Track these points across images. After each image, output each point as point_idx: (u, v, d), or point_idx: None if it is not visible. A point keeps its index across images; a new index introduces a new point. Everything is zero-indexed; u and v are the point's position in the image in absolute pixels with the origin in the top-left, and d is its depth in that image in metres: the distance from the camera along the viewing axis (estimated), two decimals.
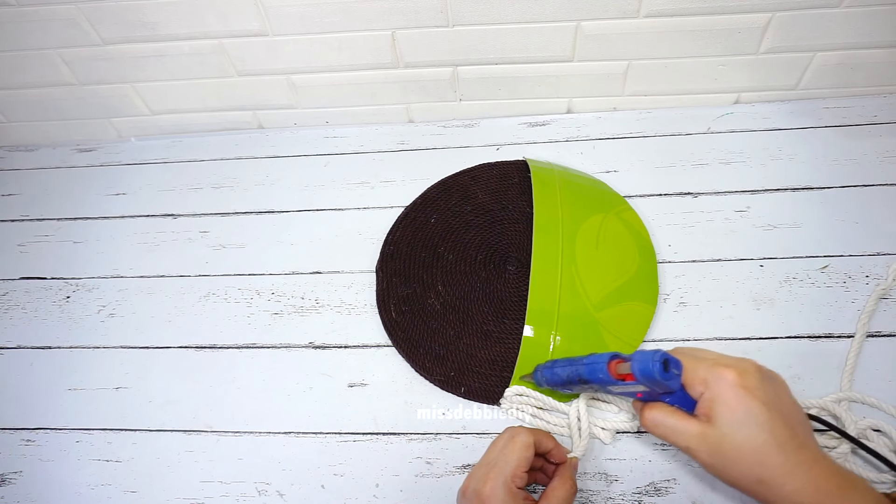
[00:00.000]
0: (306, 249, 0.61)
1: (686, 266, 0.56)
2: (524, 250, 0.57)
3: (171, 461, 0.49)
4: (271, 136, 0.73)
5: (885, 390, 0.46)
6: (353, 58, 0.65)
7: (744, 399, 0.34)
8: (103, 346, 0.57)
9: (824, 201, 0.58)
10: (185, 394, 0.53)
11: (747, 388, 0.35)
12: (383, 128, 0.72)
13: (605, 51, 0.63)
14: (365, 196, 0.65)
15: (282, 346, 0.55)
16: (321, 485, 0.47)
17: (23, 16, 0.62)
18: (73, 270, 0.63)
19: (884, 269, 0.53)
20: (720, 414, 0.35)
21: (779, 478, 0.34)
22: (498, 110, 0.70)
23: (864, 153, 0.61)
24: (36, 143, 0.77)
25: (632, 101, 0.68)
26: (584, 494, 0.44)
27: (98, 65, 0.67)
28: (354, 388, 0.52)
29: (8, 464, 0.51)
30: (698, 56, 0.63)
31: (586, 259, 0.54)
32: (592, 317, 0.51)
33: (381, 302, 0.56)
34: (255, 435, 0.50)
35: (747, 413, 0.34)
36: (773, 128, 0.65)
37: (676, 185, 0.62)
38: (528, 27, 0.61)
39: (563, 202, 0.57)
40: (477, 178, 0.64)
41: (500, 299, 0.54)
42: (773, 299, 0.52)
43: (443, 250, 0.58)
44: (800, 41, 0.61)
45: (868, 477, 0.42)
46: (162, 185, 0.70)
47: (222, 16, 0.61)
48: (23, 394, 0.55)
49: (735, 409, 0.34)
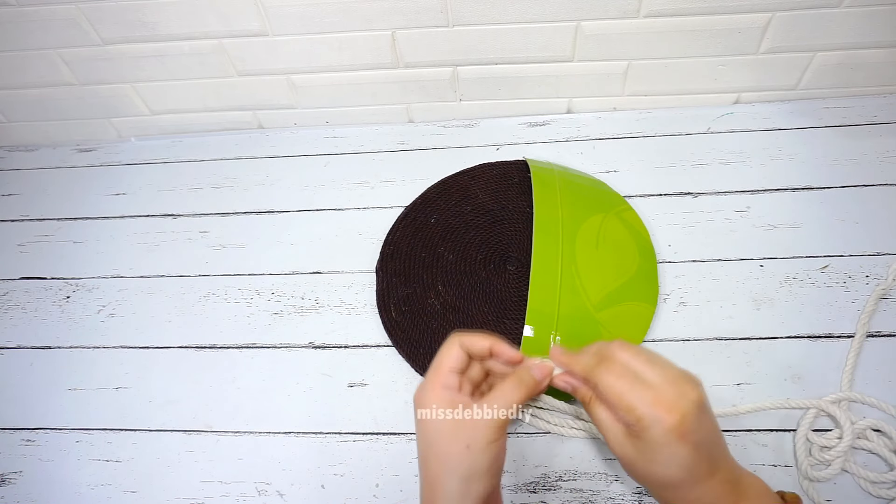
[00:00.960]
0: (306, 249, 0.61)
1: (686, 266, 0.56)
2: (524, 250, 0.57)
3: (171, 461, 0.49)
4: (271, 136, 0.73)
5: (886, 390, 0.46)
6: (353, 58, 0.65)
7: (674, 445, 0.33)
8: (103, 346, 0.57)
9: (824, 201, 0.58)
10: (185, 394, 0.53)
11: (682, 434, 0.33)
12: (383, 128, 0.72)
13: (605, 51, 0.63)
14: (365, 196, 0.65)
15: (282, 346, 0.55)
16: (321, 485, 0.47)
17: (23, 16, 0.62)
18: (73, 270, 0.63)
19: (884, 269, 0.53)
20: (644, 448, 0.34)
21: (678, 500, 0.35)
22: (498, 110, 0.70)
23: (864, 153, 0.61)
24: (36, 143, 0.77)
25: (632, 101, 0.68)
26: (584, 494, 0.44)
27: (98, 65, 0.67)
28: (354, 388, 0.52)
29: (8, 464, 0.51)
30: (698, 56, 0.63)
31: (586, 259, 0.54)
32: (592, 317, 0.51)
33: (381, 302, 0.56)
34: (255, 435, 0.50)
35: (673, 456, 0.33)
36: (773, 128, 0.65)
37: (676, 185, 0.62)
38: (528, 27, 0.61)
39: (563, 202, 0.57)
40: (477, 178, 0.64)
41: (500, 299, 0.54)
42: (773, 299, 0.52)
43: (443, 250, 0.58)
44: (800, 41, 0.61)
45: (868, 476, 0.42)
46: (162, 185, 0.70)
47: (222, 16, 0.61)
48: (23, 394, 0.55)
49: (662, 452, 0.33)
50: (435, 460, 0.35)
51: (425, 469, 0.36)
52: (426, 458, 0.36)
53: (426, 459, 0.36)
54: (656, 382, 0.34)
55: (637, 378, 0.35)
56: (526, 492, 0.45)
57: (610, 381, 0.35)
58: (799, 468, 0.44)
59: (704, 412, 0.34)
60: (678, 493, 0.35)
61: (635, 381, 0.35)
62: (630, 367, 0.36)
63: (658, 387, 0.34)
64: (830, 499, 0.42)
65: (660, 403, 0.33)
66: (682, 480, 0.34)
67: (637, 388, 0.34)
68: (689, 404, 0.33)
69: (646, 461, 0.34)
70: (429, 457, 0.36)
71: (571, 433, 0.46)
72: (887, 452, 0.43)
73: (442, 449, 0.35)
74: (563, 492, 0.45)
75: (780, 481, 0.43)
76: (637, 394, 0.34)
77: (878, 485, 0.42)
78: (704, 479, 0.34)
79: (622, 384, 0.35)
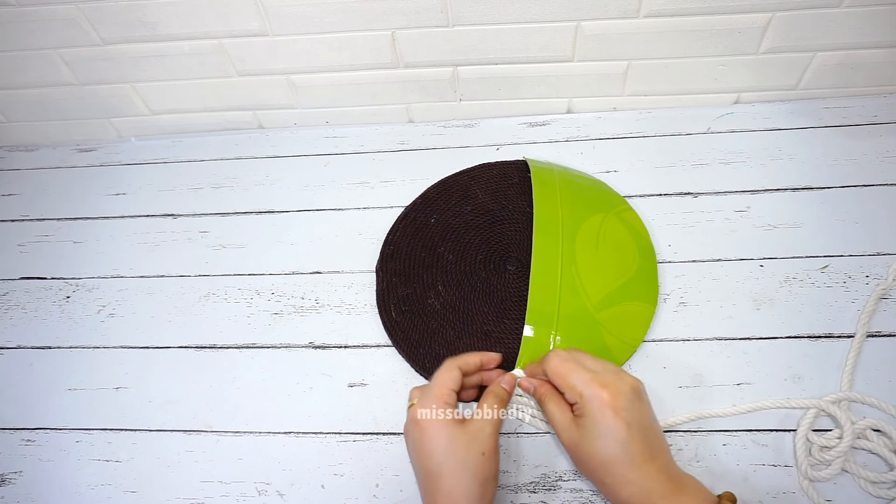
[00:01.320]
0: (306, 249, 0.61)
1: (686, 266, 0.56)
2: (524, 250, 0.57)
3: (171, 461, 0.49)
4: (271, 136, 0.73)
5: (886, 390, 0.46)
6: (353, 58, 0.65)
7: (609, 418, 0.38)
8: (103, 346, 0.57)
9: (824, 201, 0.58)
10: (185, 394, 0.53)
11: (616, 409, 0.38)
12: (383, 128, 0.72)
13: (605, 51, 0.63)
14: (365, 196, 0.65)
15: (282, 346, 0.55)
16: (321, 485, 0.47)
17: (23, 16, 0.62)
18: (73, 270, 0.63)
19: (884, 269, 0.53)
20: (586, 424, 0.39)
21: (619, 484, 0.38)
22: (498, 110, 0.70)
23: (864, 153, 0.61)
24: (36, 143, 0.77)
25: (632, 101, 0.68)
26: (584, 494, 0.44)
27: (98, 65, 0.67)
28: (354, 388, 0.52)
29: (8, 464, 0.51)
30: (698, 56, 0.63)
31: (586, 259, 0.54)
32: (592, 317, 0.51)
33: (381, 302, 0.56)
34: (255, 435, 0.50)
35: (609, 430, 0.38)
36: (773, 128, 0.65)
37: (676, 185, 0.62)
38: (528, 27, 0.61)
39: (563, 202, 0.57)
40: (477, 178, 0.64)
41: (500, 299, 0.54)
42: (773, 299, 0.52)
43: (443, 250, 0.58)
44: (800, 41, 0.61)
45: (868, 476, 0.42)
46: (162, 185, 0.70)
47: (222, 16, 0.61)
48: (23, 394, 0.55)
49: (599, 424, 0.39)
50: (453, 469, 0.39)
51: (436, 479, 0.39)
52: (441, 466, 0.39)
53: (439, 468, 0.39)
54: (597, 369, 0.41)
55: (579, 363, 0.42)
56: (526, 492, 0.45)
57: (555, 364, 0.42)
58: (799, 468, 0.44)
59: (640, 399, 0.40)
60: (617, 474, 0.38)
61: (577, 365, 0.41)
62: (574, 356, 0.43)
63: (598, 371, 0.41)
64: (830, 499, 0.42)
65: (597, 382, 0.39)
66: (618, 458, 0.38)
67: (579, 371, 0.41)
68: (624, 385, 0.40)
69: (588, 440, 0.39)
70: (443, 466, 0.39)
71: None
72: (887, 452, 0.43)
73: (460, 457, 0.39)
74: (563, 492, 0.45)
75: (781, 481, 0.43)
76: (578, 375, 0.40)
77: (878, 485, 0.42)
78: (640, 463, 0.38)
79: (566, 367, 0.42)
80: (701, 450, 0.46)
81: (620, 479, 0.38)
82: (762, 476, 0.44)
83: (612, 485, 0.38)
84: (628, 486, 0.38)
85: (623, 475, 0.38)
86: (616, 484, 0.38)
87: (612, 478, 0.38)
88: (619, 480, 0.38)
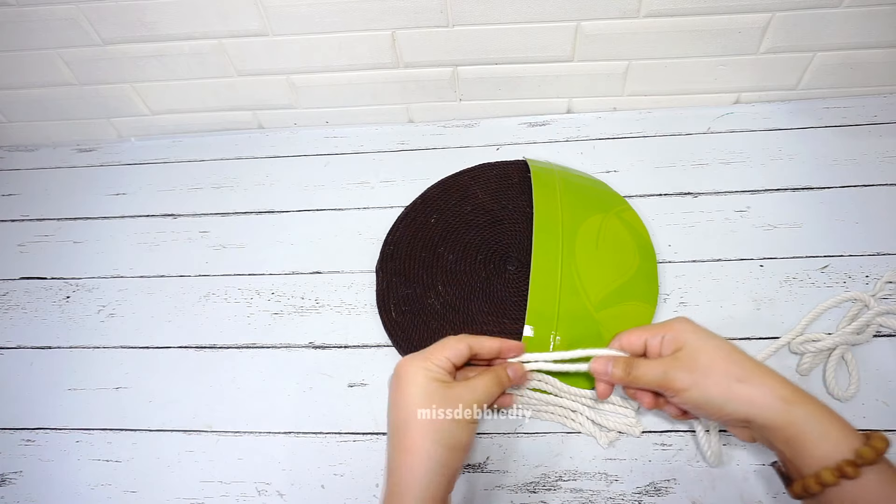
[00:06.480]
0: (306, 249, 0.61)
1: (686, 266, 0.56)
2: (524, 250, 0.57)
3: (171, 461, 0.49)
4: (271, 136, 0.73)
5: (886, 390, 0.46)
6: (353, 58, 0.65)
7: (702, 329, 0.40)
8: (103, 346, 0.57)
9: (824, 201, 0.58)
10: (185, 394, 0.53)
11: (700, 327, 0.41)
12: (383, 128, 0.72)
13: (605, 51, 0.63)
14: (365, 196, 0.65)
15: (282, 346, 0.55)
16: (321, 485, 0.47)
17: (23, 16, 0.62)
18: (73, 270, 0.63)
19: (884, 269, 0.53)
20: (689, 339, 0.40)
21: (757, 375, 0.37)
22: (498, 110, 0.70)
23: (864, 153, 0.61)
24: (36, 143, 0.77)
25: (632, 101, 0.68)
26: (584, 494, 0.44)
27: (98, 65, 0.67)
28: (354, 388, 0.52)
29: (8, 464, 0.51)
30: (698, 56, 0.63)
31: (586, 259, 0.54)
32: (592, 317, 0.51)
33: (381, 302, 0.56)
34: (255, 435, 0.50)
35: (709, 334, 0.40)
36: (773, 128, 0.65)
37: (676, 185, 0.62)
38: (528, 27, 0.61)
39: (563, 202, 0.57)
40: (477, 178, 0.64)
41: (500, 299, 0.54)
42: (773, 299, 0.52)
43: (443, 250, 0.58)
44: (800, 41, 0.61)
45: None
46: (162, 185, 0.70)
47: (222, 16, 0.61)
48: (23, 394, 0.55)
49: (700, 331, 0.40)
50: (419, 426, 0.37)
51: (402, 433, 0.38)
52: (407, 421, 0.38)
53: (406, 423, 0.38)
54: None
55: None
56: (526, 492, 0.45)
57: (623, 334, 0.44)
58: None
59: None
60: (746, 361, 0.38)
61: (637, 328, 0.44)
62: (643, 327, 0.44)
63: None
64: None
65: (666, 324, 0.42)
66: (738, 353, 0.39)
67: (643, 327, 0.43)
68: None
69: (703, 352, 0.39)
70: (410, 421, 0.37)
71: (573, 425, 0.47)
72: None
73: (429, 415, 0.37)
74: (563, 492, 0.45)
75: None
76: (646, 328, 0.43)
77: None
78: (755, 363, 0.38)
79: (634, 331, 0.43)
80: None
81: (755, 370, 0.37)
82: (762, 476, 0.44)
83: (752, 377, 0.37)
84: (767, 376, 0.37)
85: (753, 365, 0.38)
86: (755, 375, 0.37)
87: (745, 371, 0.37)
88: (754, 371, 0.37)
